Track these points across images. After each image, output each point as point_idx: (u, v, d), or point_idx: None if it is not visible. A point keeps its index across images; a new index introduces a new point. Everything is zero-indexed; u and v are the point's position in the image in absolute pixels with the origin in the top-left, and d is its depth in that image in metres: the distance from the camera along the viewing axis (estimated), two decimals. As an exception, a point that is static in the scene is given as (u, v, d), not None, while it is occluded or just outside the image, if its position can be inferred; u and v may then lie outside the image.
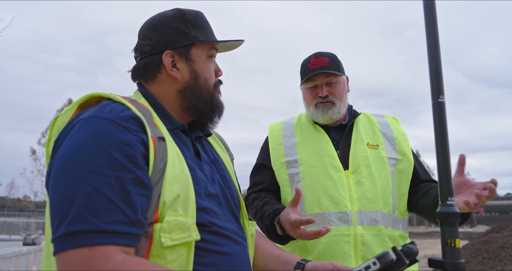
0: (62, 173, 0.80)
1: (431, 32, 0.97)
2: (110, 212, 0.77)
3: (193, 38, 1.06)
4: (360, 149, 1.67)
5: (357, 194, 1.57)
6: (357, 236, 1.52)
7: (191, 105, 1.07)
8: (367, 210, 1.56)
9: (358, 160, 1.64)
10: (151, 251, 0.83)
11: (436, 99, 0.95)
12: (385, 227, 1.57)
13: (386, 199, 1.60)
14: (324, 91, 1.67)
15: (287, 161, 1.69)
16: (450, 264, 0.87)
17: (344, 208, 1.55)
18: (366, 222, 1.54)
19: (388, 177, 1.64)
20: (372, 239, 1.53)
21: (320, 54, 1.72)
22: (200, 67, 1.08)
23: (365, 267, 0.84)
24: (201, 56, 1.08)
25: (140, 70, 1.09)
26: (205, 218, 0.95)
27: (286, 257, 1.21)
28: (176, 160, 0.92)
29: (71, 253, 0.74)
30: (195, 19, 1.09)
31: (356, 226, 1.53)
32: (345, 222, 1.53)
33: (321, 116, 1.69)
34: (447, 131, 0.96)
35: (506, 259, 7.76)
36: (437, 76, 0.96)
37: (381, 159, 1.66)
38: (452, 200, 0.92)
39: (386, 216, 1.59)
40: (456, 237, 0.90)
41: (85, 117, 0.87)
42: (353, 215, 1.54)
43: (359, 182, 1.60)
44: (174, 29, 1.07)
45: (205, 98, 1.08)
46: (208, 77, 1.09)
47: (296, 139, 1.75)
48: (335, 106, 1.68)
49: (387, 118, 1.84)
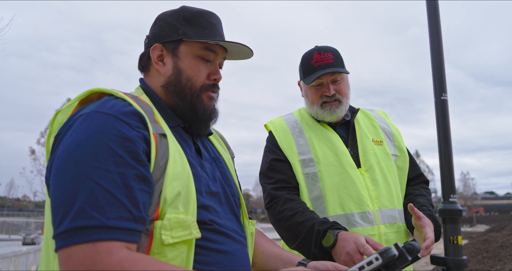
0: (64, 168, 0.79)
1: (434, 29, 0.97)
2: (113, 208, 0.76)
3: (182, 34, 1.05)
4: (368, 145, 1.64)
5: (375, 193, 1.55)
6: (381, 235, 1.50)
7: (173, 103, 1.06)
8: (386, 208, 1.54)
9: (370, 157, 1.61)
10: (151, 248, 0.82)
11: (439, 97, 0.95)
12: (402, 223, 1.57)
13: (398, 195, 1.61)
14: (331, 90, 1.60)
15: (302, 159, 1.60)
16: (452, 261, 0.87)
17: (367, 207, 1.52)
18: (387, 220, 1.53)
19: (396, 173, 1.64)
20: (394, 237, 1.52)
21: (323, 50, 1.63)
22: (184, 65, 1.05)
23: (367, 262, 0.84)
24: (189, 54, 1.06)
25: (138, 62, 1.12)
26: (206, 216, 0.94)
27: (287, 257, 1.21)
28: (178, 157, 0.91)
29: (74, 249, 0.74)
30: (193, 16, 1.07)
31: (380, 226, 1.51)
32: (369, 222, 1.50)
33: (329, 116, 1.63)
34: (450, 129, 0.96)
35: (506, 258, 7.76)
36: (440, 74, 0.96)
37: (387, 155, 1.65)
38: (454, 197, 0.92)
39: (401, 213, 1.59)
40: (458, 234, 0.90)
41: (86, 113, 0.86)
42: (375, 214, 1.52)
43: (374, 180, 1.57)
44: (168, 24, 1.07)
45: (185, 98, 1.05)
46: (191, 76, 1.05)
47: (306, 135, 1.66)
48: (342, 105, 1.63)
49: (379, 113, 1.83)
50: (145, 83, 1.10)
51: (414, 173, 1.72)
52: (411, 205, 1.40)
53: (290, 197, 1.55)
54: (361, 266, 0.85)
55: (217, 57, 1.10)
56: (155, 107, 1.02)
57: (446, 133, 0.95)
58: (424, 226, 1.38)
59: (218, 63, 1.12)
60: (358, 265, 0.85)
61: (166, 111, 1.04)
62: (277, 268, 1.16)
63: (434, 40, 0.97)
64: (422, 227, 1.38)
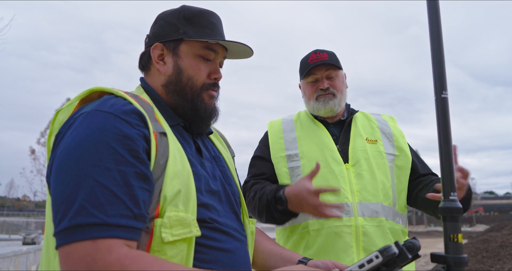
0: (64, 167, 0.80)
1: (434, 25, 0.97)
2: (113, 205, 0.76)
3: (182, 34, 1.06)
4: (359, 143, 1.69)
5: (357, 186, 1.59)
6: (358, 227, 1.53)
7: (174, 102, 1.06)
8: (368, 202, 1.57)
9: (358, 153, 1.65)
10: (151, 246, 0.83)
11: (439, 94, 0.95)
12: (386, 219, 1.58)
13: (386, 192, 1.61)
14: (325, 84, 1.70)
15: (288, 154, 1.70)
16: (453, 259, 0.87)
17: (345, 199, 1.55)
18: (367, 213, 1.55)
19: (387, 171, 1.65)
20: (373, 231, 1.53)
21: (319, 50, 1.75)
22: (185, 64, 1.06)
23: (367, 260, 0.84)
24: (189, 53, 1.06)
25: (138, 62, 1.12)
26: (206, 214, 0.94)
27: (287, 255, 1.21)
28: (178, 155, 0.92)
29: (74, 246, 0.74)
30: (194, 16, 1.07)
31: (357, 217, 1.54)
32: (346, 213, 1.53)
33: (323, 108, 1.71)
34: (450, 127, 0.96)
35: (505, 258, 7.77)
36: (440, 71, 0.96)
37: (380, 153, 1.68)
38: (454, 195, 0.92)
39: (386, 209, 1.59)
40: (458, 232, 0.90)
41: (87, 111, 0.87)
42: (354, 207, 1.55)
43: (359, 175, 1.61)
44: (168, 23, 1.08)
45: (186, 97, 1.05)
46: (192, 75, 1.06)
47: (296, 133, 1.76)
48: (336, 98, 1.71)
49: (384, 117, 1.87)
50: (145, 82, 1.10)
51: (424, 170, 1.75)
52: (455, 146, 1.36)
53: (255, 181, 1.68)
54: (361, 264, 0.85)
55: (218, 56, 1.10)
56: (156, 106, 1.02)
57: (446, 131, 0.95)
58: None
59: (218, 62, 1.12)
60: (358, 263, 0.85)
61: (167, 110, 1.05)
62: (277, 266, 1.16)
63: (435, 38, 0.96)
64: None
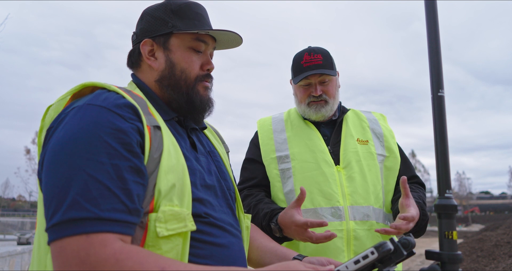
0: (56, 161, 0.79)
1: (431, 24, 0.97)
2: (107, 199, 0.75)
3: (171, 27, 1.05)
4: (351, 144, 1.67)
5: (349, 189, 1.57)
6: (349, 231, 1.52)
7: (169, 97, 1.06)
8: (359, 205, 1.55)
9: (349, 155, 1.63)
10: (146, 241, 0.82)
11: (435, 93, 0.96)
12: (377, 222, 1.57)
13: (377, 194, 1.61)
14: (318, 91, 1.65)
15: (278, 156, 1.67)
16: (447, 255, 0.87)
17: (337, 203, 1.54)
18: (358, 217, 1.54)
19: (378, 173, 1.64)
20: (364, 234, 1.53)
21: (313, 51, 1.68)
22: (177, 57, 1.05)
23: (363, 256, 0.84)
24: (180, 46, 1.06)
25: (127, 59, 1.11)
26: (201, 209, 0.94)
27: (282, 252, 1.21)
28: (172, 149, 0.91)
29: (67, 241, 0.73)
30: (180, 9, 1.07)
31: (349, 221, 1.52)
32: (337, 218, 1.52)
33: (314, 114, 1.68)
34: (446, 126, 0.97)
35: (500, 257, 7.82)
36: (437, 70, 0.96)
37: (371, 154, 1.66)
38: (450, 193, 0.93)
39: (377, 211, 1.59)
40: (453, 229, 0.90)
41: (79, 105, 0.86)
42: (345, 210, 1.54)
43: (350, 177, 1.59)
44: (156, 18, 1.07)
45: (181, 90, 1.05)
46: (185, 68, 1.05)
47: (287, 134, 1.73)
48: (328, 105, 1.67)
49: (375, 115, 1.85)
50: (137, 78, 1.09)
51: (408, 174, 1.71)
52: (404, 178, 1.41)
53: (248, 192, 1.66)
54: (356, 260, 0.85)
55: (208, 47, 1.10)
56: (149, 101, 1.01)
57: (442, 129, 0.95)
58: (409, 205, 1.40)
59: (209, 54, 1.12)
60: (353, 259, 0.86)
61: (160, 105, 1.04)
62: (272, 263, 1.16)
63: (432, 37, 0.97)
64: (407, 206, 1.40)
